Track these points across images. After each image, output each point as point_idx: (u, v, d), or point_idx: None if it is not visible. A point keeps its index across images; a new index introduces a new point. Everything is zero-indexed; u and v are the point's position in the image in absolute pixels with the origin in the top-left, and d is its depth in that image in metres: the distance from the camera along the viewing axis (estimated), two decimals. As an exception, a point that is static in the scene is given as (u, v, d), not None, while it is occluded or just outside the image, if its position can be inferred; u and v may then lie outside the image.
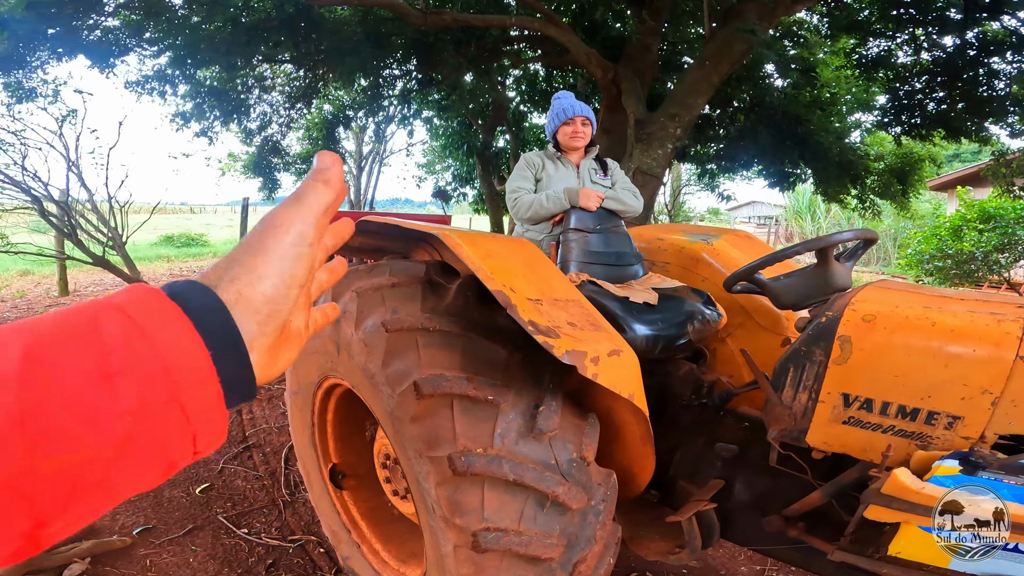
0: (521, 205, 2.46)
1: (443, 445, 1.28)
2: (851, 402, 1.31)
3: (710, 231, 2.63)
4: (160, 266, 11.72)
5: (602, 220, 2.37)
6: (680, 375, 1.99)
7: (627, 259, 2.32)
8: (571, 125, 2.59)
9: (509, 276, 1.32)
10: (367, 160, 15.85)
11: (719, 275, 2.37)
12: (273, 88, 8.51)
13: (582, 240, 2.26)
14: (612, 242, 2.32)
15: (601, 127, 6.56)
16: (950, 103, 7.13)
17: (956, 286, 10.30)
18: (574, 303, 1.40)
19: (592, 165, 2.67)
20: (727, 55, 4.96)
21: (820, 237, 1.57)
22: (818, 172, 8.03)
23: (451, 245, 1.33)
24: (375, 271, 1.57)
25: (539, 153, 2.68)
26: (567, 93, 2.68)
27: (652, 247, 2.56)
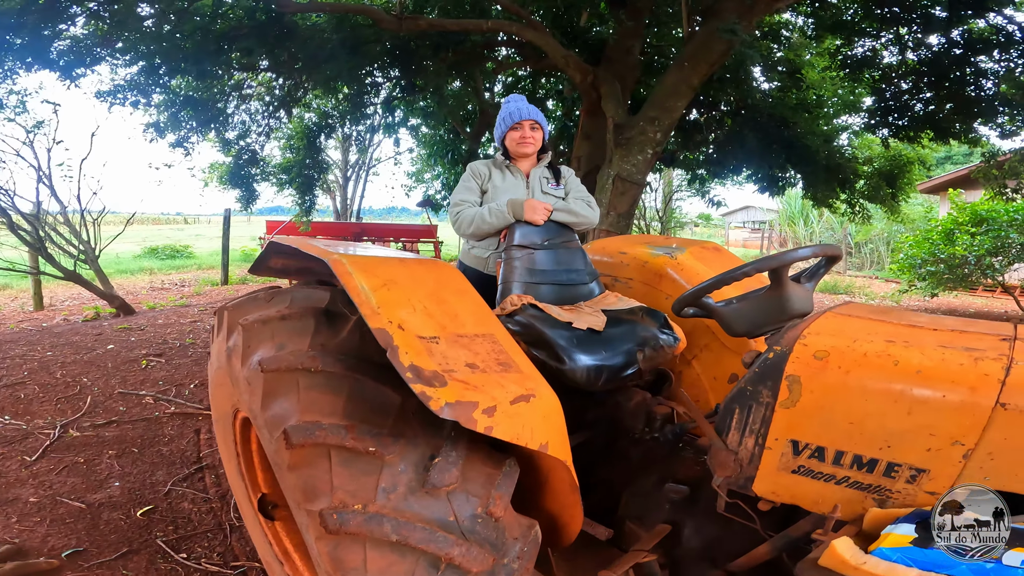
0: (463, 220, 2.28)
1: (319, 498, 1.11)
2: (801, 450, 1.14)
3: (677, 243, 2.45)
4: (141, 279, 11.53)
5: (551, 234, 2.19)
6: (631, 407, 1.82)
7: (579, 277, 2.15)
8: (518, 130, 2.41)
9: (404, 309, 1.14)
10: (353, 169, 15.68)
11: (681, 290, 2.20)
12: (251, 97, 8.35)
13: (527, 257, 2.08)
14: (562, 258, 2.14)
15: (582, 132, 6.41)
16: (937, 104, 7.00)
17: (949, 291, 10.16)
18: (484, 338, 1.22)
19: (543, 173, 2.50)
20: (706, 56, 4.80)
21: (772, 255, 1.39)
22: (806, 176, 7.88)
23: (338, 272, 1.16)
24: (275, 299, 1.39)
25: (486, 162, 2.50)
26: (518, 96, 2.52)
27: (615, 261, 2.39)
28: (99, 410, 4.05)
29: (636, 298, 2.21)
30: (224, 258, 10.44)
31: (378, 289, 1.14)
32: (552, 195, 2.43)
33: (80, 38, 6.26)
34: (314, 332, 1.25)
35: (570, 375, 1.58)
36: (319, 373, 1.17)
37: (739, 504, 1.34)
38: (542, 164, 2.52)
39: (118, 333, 6.53)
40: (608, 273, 2.37)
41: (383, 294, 1.14)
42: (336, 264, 1.19)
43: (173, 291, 10.01)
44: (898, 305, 10.98)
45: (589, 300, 2.07)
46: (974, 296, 12.12)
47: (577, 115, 8.60)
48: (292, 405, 1.18)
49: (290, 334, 1.27)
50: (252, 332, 1.29)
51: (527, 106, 2.44)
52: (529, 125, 2.42)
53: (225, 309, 1.49)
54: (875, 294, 12.80)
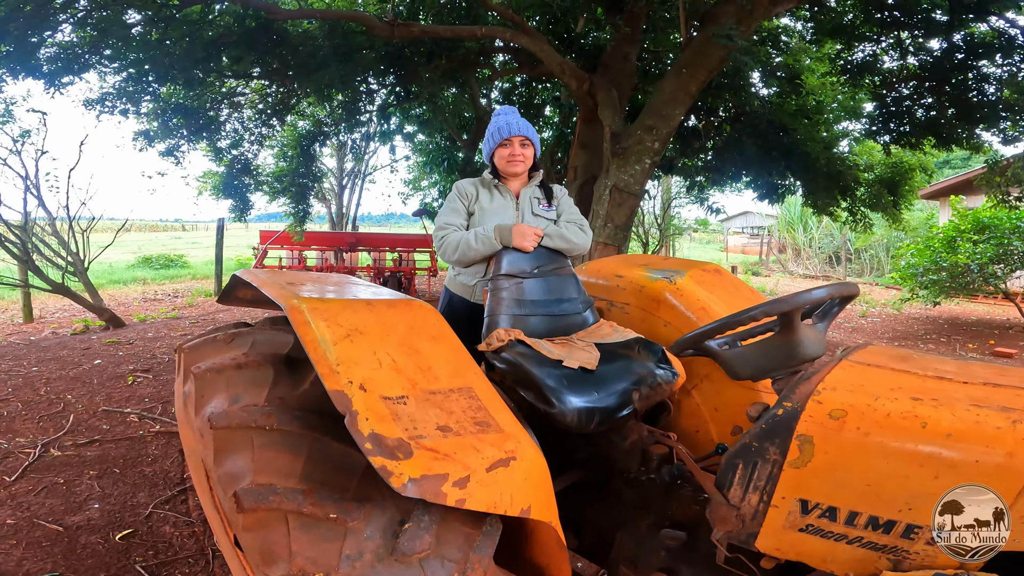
0: (447, 245, 2.14)
1: (277, 564, 0.99)
2: (810, 509, 1.02)
3: (676, 265, 2.32)
4: (133, 289, 11.39)
5: (541, 261, 2.06)
6: (625, 446, 1.68)
7: (572, 306, 2.02)
8: (507, 147, 2.25)
9: (368, 365, 1.01)
10: (349, 177, 15.53)
11: (683, 319, 2.08)
12: (244, 105, 8.23)
13: (515, 287, 1.95)
14: (554, 287, 2.02)
15: (578, 141, 6.30)
16: (939, 109, 6.89)
17: (951, 299, 10.05)
18: (460, 393, 1.09)
19: (534, 193, 2.35)
20: (704, 62, 4.69)
21: (783, 298, 1.25)
22: (806, 183, 7.77)
23: (295, 322, 1.03)
24: (235, 341, 1.26)
25: (473, 181, 2.36)
26: (509, 108, 2.37)
27: (610, 285, 2.26)
28: (82, 428, 3.95)
29: (633, 325, 2.08)
30: (217, 269, 10.31)
31: (340, 342, 1.01)
32: (543, 217, 2.29)
33: (67, 45, 6.15)
34: (272, 383, 1.12)
35: (559, 418, 1.45)
36: (276, 431, 1.04)
37: (740, 558, 1.22)
38: (533, 183, 2.37)
39: (106, 347, 6.41)
40: (603, 297, 2.25)
41: (345, 348, 1.01)
42: (293, 312, 1.05)
43: (166, 302, 9.88)
44: (911, 335, 10.88)
45: (583, 330, 1.94)
46: (975, 303, 12.00)
47: (575, 123, 8.51)
48: (246, 464, 1.05)
49: (246, 385, 1.14)
50: (205, 381, 1.17)
51: (517, 120, 2.28)
52: (519, 142, 2.27)
53: (183, 349, 1.36)
54: (876, 301, 12.68)
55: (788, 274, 19.44)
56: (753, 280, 17.11)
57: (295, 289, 1.20)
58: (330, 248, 10.65)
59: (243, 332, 1.25)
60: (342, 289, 1.38)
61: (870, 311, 11.21)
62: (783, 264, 20.94)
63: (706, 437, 2.17)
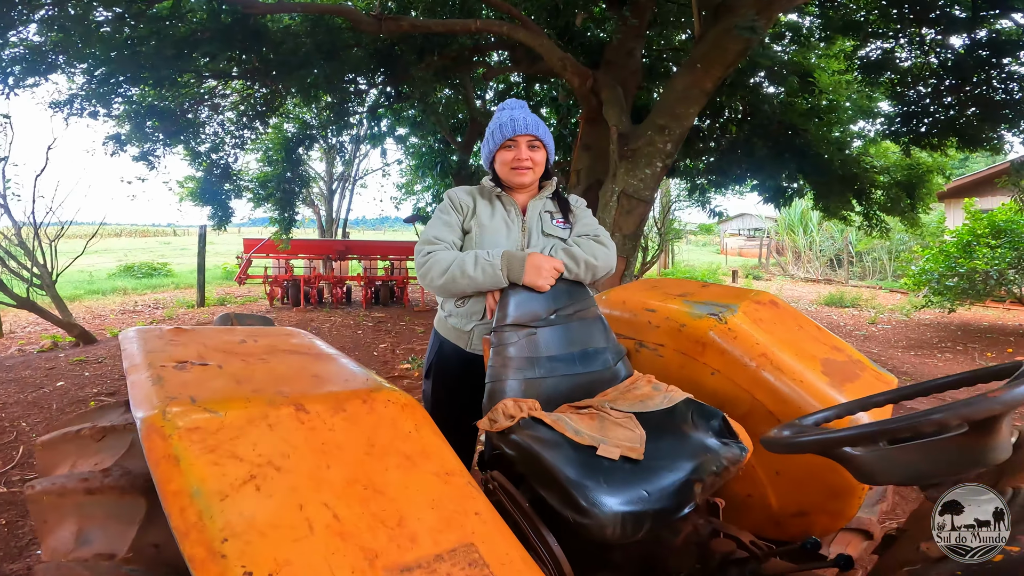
0: (434, 265, 1.66)
1: None
2: None
3: (722, 296, 1.88)
4: (112, 300, 10.86)
5: (560, 302, 1.61)
6: (677, 543, 1.25)
7: (600, 359, 1.58)
8: (512, 149, 1.78)
9: (284, 536, 0.57)
10: (339, 182, 15.03)
11: (737, 367, 1.65)
12: (225, 107, 7.78)
13: (527, 341, 1.50)
14: (576, 335, 1.58)
15: (581, 143, 5.87)
16: (959, 108, 6.53)
17: (971, 306, 9.68)
18: (456, 559, 0.64)
19: (546, 207, 1.88)
20: (720, 57, 4.27)
21: (984, 398, 0.79)
22: (819, 187, 7.38)
23: (150, 457, 0.58)
24: (106, 441, 0.81)
25: (470, 190, 1.89)
26: (515, 103, 1.89)
27: (639, 321, 1.81)
28: (33, 461, 3.56)
29: (669, 373, 1.65)
30: (200, 278, 9.83)
31: (233, 493, 0.57)
32: (557, 237, 1.83)
33: (31, 45, 5.70)
34: (144, 522, 0.68)
35: (596, 530, 1.02)
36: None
37: None
38: (544, 194, 1.89)
39: (72, 367, 5.96)
40: (630, 335, 1.80)
41: (242, 503, 0.56)
42: (151, 437, 0.60)
43: (145, 314, 9.39)
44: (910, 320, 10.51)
45: (613, 388, 1.50)
46: (985, 308, 11.64)
47: (573, 124, 8.08)
48: None
49: (105, 518, 0.70)
50: (43, 507, 0.73)
51: (525, 116, 1.80)
52: (527, 142, 1.79)
53: (38, 445, 0.92)
54: (883, 306, 12.31)
55: (789, 277, 19.09)
56: (755, 284, 16.74)
57: (172, 383, 0.75)
58: (318, 256, 10.19)
59: (119, 429, 0.81)
60: (262, 372, 0.93)
61: (879, 317, 10.83)
62: (783, 267, 20.59)
63: (762, 504, 1.74)
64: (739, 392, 1.71)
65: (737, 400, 1.72)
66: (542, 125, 1.83)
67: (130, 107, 6.73)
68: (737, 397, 1.72)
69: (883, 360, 7.50)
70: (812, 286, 16.92)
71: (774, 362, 1.64)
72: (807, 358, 1.69)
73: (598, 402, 1.39)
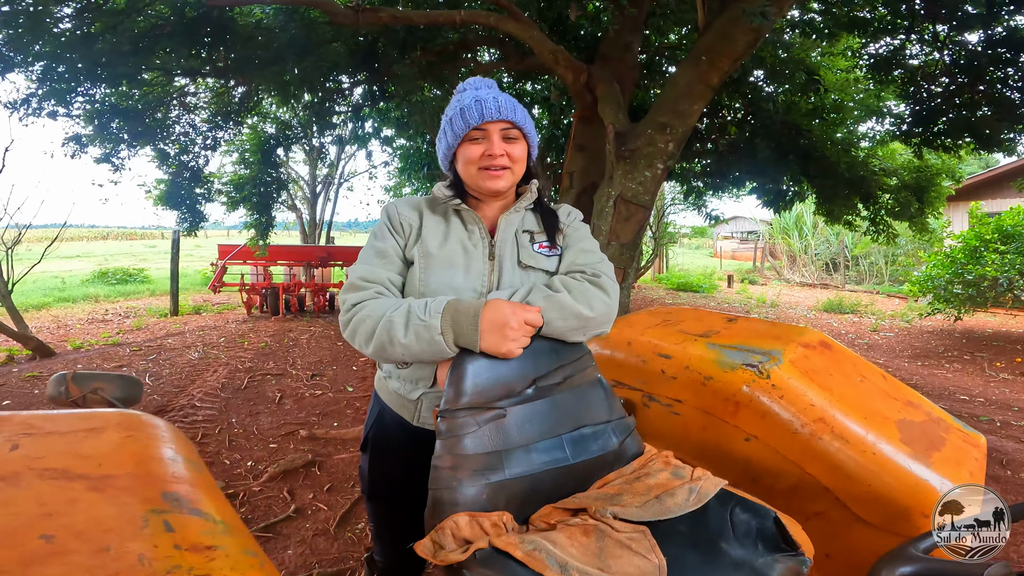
0: (358, 327, 1.18)
1: None
2: None
3: (756, 336, 1.46)
4: (83, 308, 10.33)
5: (541, 365, 1.13)
6: None
7: (598, 440, 1.12)
8: (480, 142, 1.27)
9: None
10: (323, 184, 14.54)
11: (781, 432, 1.24)
12: (197, 106, 7.32)
13: (492, 430, 1.03)
14: (566, 411, 1.11)
15: (574, 143, 5.46)
16: (972, 108, 6.19)
17: (975, 312, 9.35)
18: None
19: (526, 223, 1.37)
20: (728, 49, 3.88)
21: None
22: (824, 190, 7.00)
23: None
24: None
25: (416, 201, 1.38)
26: (479, 81, 1.35)
27: (648, 369, 1.39)
28: None
29: (686, 434, 1.24)
30: (173, 286, 9.33)
31: None
32: (540, 269, 1.32)
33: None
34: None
35: None
36: None
37: None
38: (522, 205, 1.36)
39: (23, 384, 5.50)
40: (636, 385, 1.38)
41: None
42: None
43: (114, 324, 8.89)
44: (912, 326, 10.18)
45: (618, 474, 1.08)
46: (987, 314, 11.35)
47: (566, 124, 7.69)
48: None
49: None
50: None
51: (496, 96, 1.29)
52: (501, 131, 1.28)
53: None
54: (883, 312, 11.99)
55: (785, 282, 18.78)
56: (751, 289, 16.41)
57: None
58: (298, 263, 9.72)
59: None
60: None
61: (881, 325, 10.50)
62: (778, 271, 20.29)
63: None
64: (783, 464, 1.31)
65: (780, 473, 1.32)
66: (519, 107, 1.31)
67: (92, 107, 6.27)
68: (781, 470, 1.31)
69: (890, 371, 7.16)
70: (809, 291, 16.61)
71: (836, 429, 1.24)
72: (878, 420, 1.29)
73: (596, 503, 0.96)
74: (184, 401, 5.06)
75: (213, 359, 6.59)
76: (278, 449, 4.10)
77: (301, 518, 3.16)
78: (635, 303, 11.85)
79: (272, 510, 3.23)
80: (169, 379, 5.74)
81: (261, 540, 2.91)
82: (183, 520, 0.61)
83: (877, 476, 1.24)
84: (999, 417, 5.45)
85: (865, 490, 1.25)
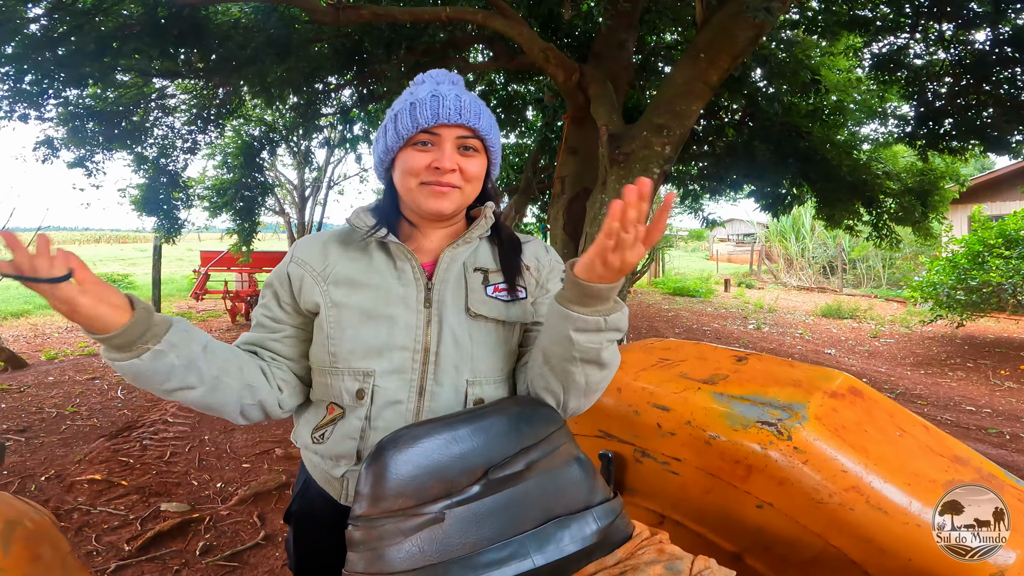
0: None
1: None
2: None
3: (775, 382, 1.20)
4: (60, 317, 10.02)
5: (494, 448, 0.86)
6: None
7: (574, 532, 0.84)
8: (428, 150, 0.99)
9: None
10: (312, 188, 14.25)
11: (803, 501, 1.01)
12: (176, 107, 7.07)
13: (424, 541, 0.76)
14: (532, 502, 0.83)
15: (566, 145, 5.23)
16: (978, 109, 6.00)
17: (978, 318, 9.16)
18: None
19: (479, 259, 1.07)
20: (727, 46, 3.66)
21: None
22: (824, 194, 6.79)
23: None
24: None
25: (322, 237, 1.10)
26: (443, 74, 1.08)
27: (641, 421, 1.14)
28: None
29: (685, 496, 1.01)
30: (155, 293, 9.05)
31: None
32: (495, 319, 1.03)
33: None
34: None
35: None
36: None
37: None
38: (475, 233, 1.05)
39: (-11, 398, 5.24)
40: (626, 438, 1.14)
41: None
42: None
43: (94, 332, 8.60)
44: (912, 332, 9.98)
45: (598, 563, 0.81)
46: (988, 320, 11.17)
47: (559, 126, 7.46)
48: None
49: None
50: None
51: (458, 93, 1.01)
52: (456, 139, 0.99)
53: None
54: (882, 318, 11.80)
55: (782, 286, 18.60)
56: (748, 293, 16.20)
57: None
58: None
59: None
60: None
61: (881, 331, 10.30)
62: (775, 275, 20.11)
63: None
64: (803, 535, 1.07)
65: (798, 544, 1.08)
66: (485, 112, 1.03)
67: (66, 109, 6.02)
68: (799, 540, 1.08)
69: (893, 380, 6.95)
70: (806, 295, 16.42)
71: (873, 499, 1.00)
72: (923, 484, 1.05)
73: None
74: (156, 416, 4.81)
75: (192, 371, 6.32)
76: (251, 469, 3.85)
77: (271, 546, 2.92)
78: (632, 309, 11.62)
79: (239, 536, 2.98)
80: (142, 393, 5.48)
81: (225, 571, 2.67)
82: None
83: (920, 551, 1.01)
84: (1007, 429, 5.24)
85: (903, 565, 1.02)
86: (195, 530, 2.99)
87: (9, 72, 5.23)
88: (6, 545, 0.81)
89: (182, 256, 23.46)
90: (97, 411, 4.87)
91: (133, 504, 3.22)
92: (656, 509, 1.18)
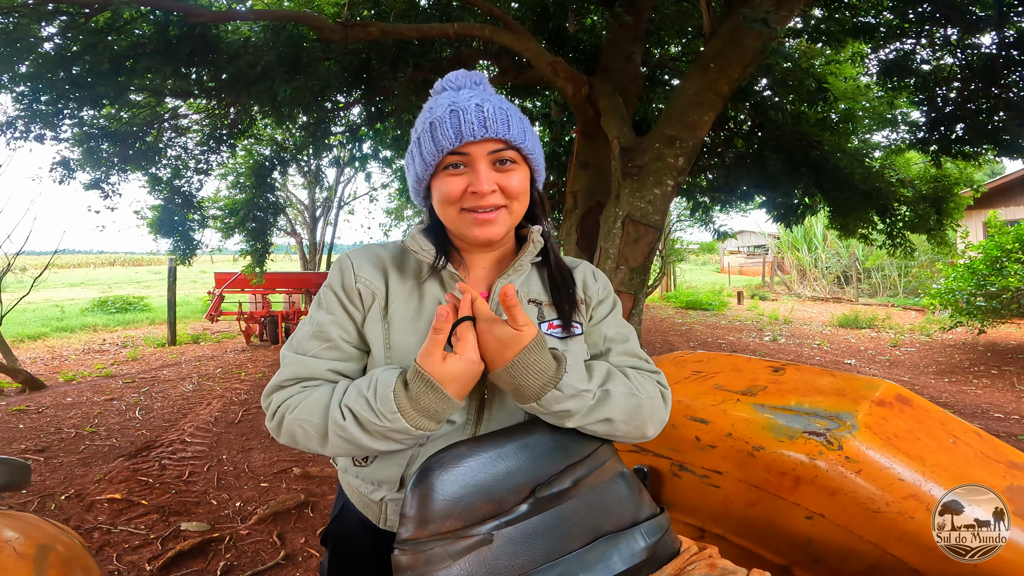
0: (294, 430, 0.87)
1: None
2: None
3: (819, 392, 1.17)
4: (78, 338, 10.12)
5: (540, 466, 0.83)
6: None
7: (622, 549, 0.82)
8: (460, 173, 0.90)
9: None
10: (322, 208, 14.35)
11: (858, 512, 0.97)
12: (189, 128, 7.17)
13: (472, 564, 0.73)
14: (576, 521, 0.81)
15: (577, 160, 5.23)
16: (990, 113, 5.95)
17: (998, 324, 9.00)
18: None
19: (532, 290, 1.02)
20: (738, 55, 3.65)
21: None
22: (838, 203, 6.72)
23: None
24: None
25: (380, 255, 1.01)
26: (464, 75, 0.96)
27: (677, 435, 1.11)
28: None
29: (727, 510, 0.97)
30: (170, 315, 9.11)
31: None
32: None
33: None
34: None
35: None
36: None
37: None
38: (525, 258, 0.98)
39: (9, 418, 5.29)
40: (663, 453, 1.11)
41: None
42: None
43: (110, 354, 8.67)
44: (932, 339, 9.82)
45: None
46: (1008, 326, 10.97)
47: (568, 141, 7.48)
48: None
49: None
50: None
51: (479, 104, 0.89)
52: (488, 156, 0.90)
53: None
54: (901, 327, 11.63)
55: (796, 297, 18.42)
56: (762, 305, 16.06)
57: None
58: (297, 291, 9.49)
59: None
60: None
61: (901, 339, 10.14)
62: (788, 286, 19.94)
63: None
64: (858, 544, 1.03)
65: (853, 554, 1.04)
66: (515, 116, 0.92)
67: (80, 129, 6.11)
68: (854, 550, 1.04)
69: (917, 389, 6.82)
70: (822, 305, 16.25)
71: (932, 507, 0.96)
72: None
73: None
74: (174, 436, 4.81)
75: (207, 391, 6.33)
76: (269, 488, 3.83)
77: (291, 566, 2.89)
78: (645, 323, 11.54)
79: (260, 556, 2.96)
80: (160, 412, 5.49)
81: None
82: None
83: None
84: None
85: (970, 570, 0.98)
86: (215, 549, 2.97)
87: (25, 91, 5.34)
88: (41, 572, 0.79)
89: (195, 278, 23.67)
90: (116, 431, 4.89)
91: (153, 524, 3.20)
92: (696, 523, 1.15)
